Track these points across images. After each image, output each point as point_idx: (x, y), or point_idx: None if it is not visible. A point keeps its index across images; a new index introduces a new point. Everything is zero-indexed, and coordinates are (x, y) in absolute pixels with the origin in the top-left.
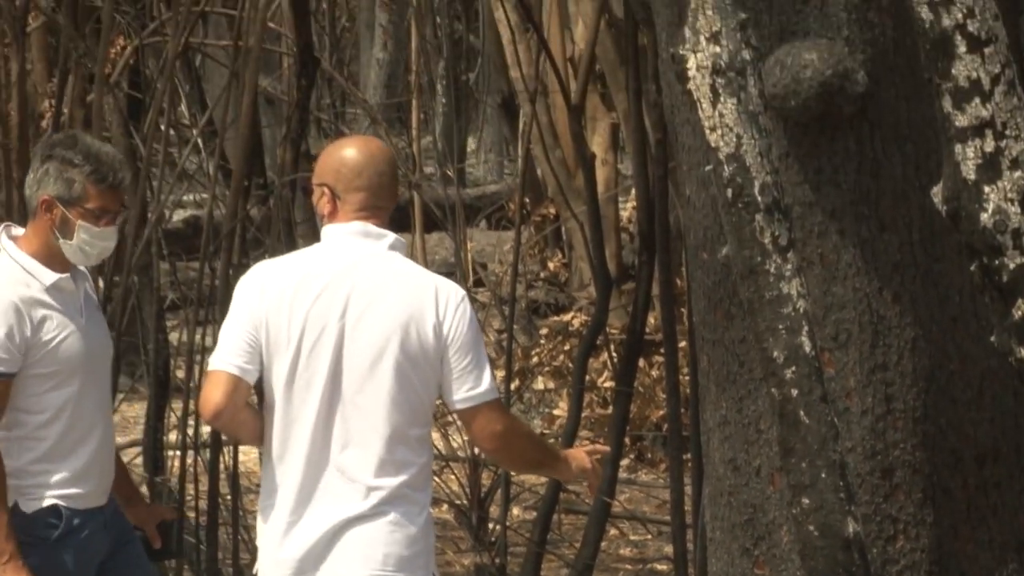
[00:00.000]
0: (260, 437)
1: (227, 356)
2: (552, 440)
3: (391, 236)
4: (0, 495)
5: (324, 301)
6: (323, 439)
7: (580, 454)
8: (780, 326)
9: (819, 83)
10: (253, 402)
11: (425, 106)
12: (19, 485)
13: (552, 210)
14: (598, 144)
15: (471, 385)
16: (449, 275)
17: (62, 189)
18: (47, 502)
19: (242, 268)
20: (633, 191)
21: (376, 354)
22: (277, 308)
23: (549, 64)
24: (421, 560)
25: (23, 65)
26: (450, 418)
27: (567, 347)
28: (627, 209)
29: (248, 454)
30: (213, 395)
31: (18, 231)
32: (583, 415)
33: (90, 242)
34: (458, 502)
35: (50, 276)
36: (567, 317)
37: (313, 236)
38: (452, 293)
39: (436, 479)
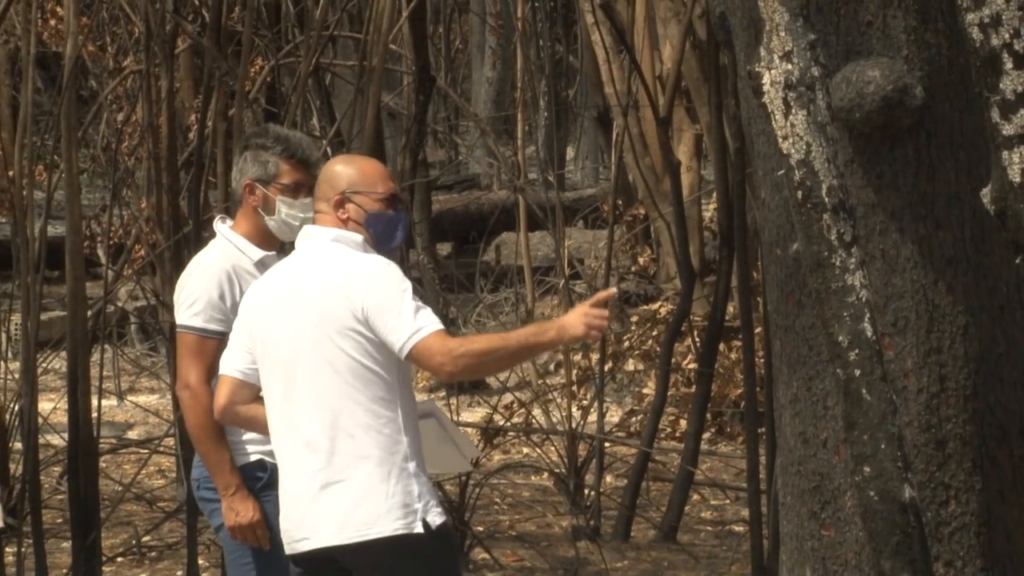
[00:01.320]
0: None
1: (230, 362)
2: (641, 416)
3: (331, 231)
4: (220, 434)
5: (281, 300)
6: (289, 418)
7: (572, 318)
8: (845, 314)
9: (881, 97)
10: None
11: (529, 119)
12: (232, 441)
13: (642, 211)
14: (683, 152)
15: (398, 336)
16: (549, 269)
17: (259, 171)
18: (254, 457)
19: None
20: (714, 194)
21: (313, 337)
22: (256, 315)
23: (640, 81)
24: (396, 512)
25: (172, 83)
26: (551, 395)
27: (655, 333)
28: (709, 210)
29: None
30: (218, 397)
31: (229, 221)
32: (669, 394)
33: (291, 214)
34: (557, 471)
35: (258, 253)
36: (655, 306)
37: (439, 235)
38: (364, 267)
39: (538, 450)
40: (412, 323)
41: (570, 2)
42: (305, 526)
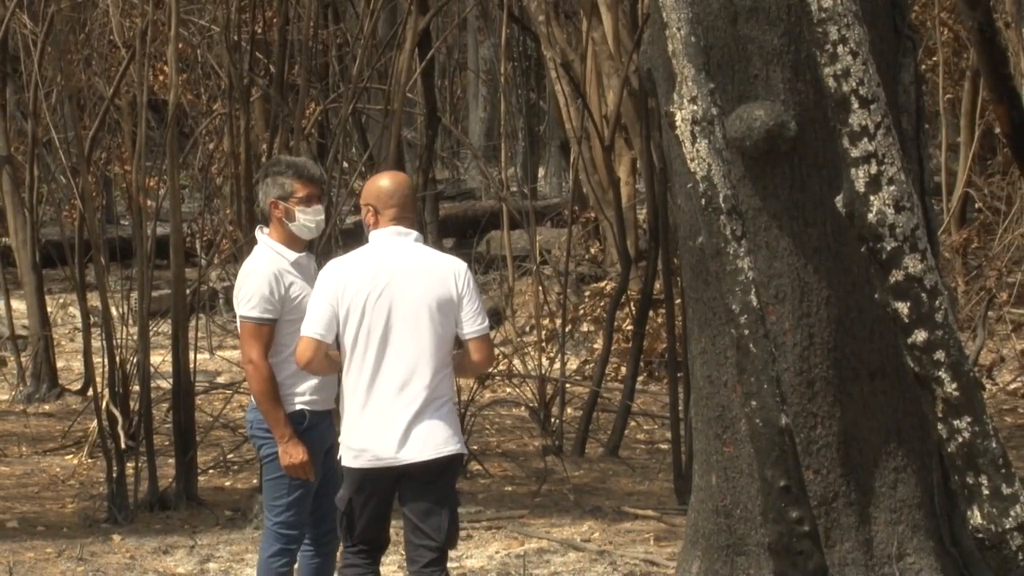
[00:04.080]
0: (338, 370)
1: (312, 326)
2: (592, 364)
3: (415, 233)
4: (277, 397)
5: (379, 278)
6: (381, 365)
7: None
8: (737, 288)
9: (765, 130)
10: (333, 352)
11: (511, 147)
12: (283, 395)
13: (593, 214)
14: (622, 171)
15: (478, 324)
16: (524, 258)
17: (278, 191)
18: (297, 407)
19: None
20: (645, 201)
21: (416, 308)
22: (348, 288)
23: (590, 119)
24: (457, 436)
25: (248, 122)
26: (527, 349)
27: (602, 303)
28: (642, 213)
29: None
30: (304, 353)
31: (266, 230)
32: (612, 348)
33: (308, 219)
34: (531, 405)
35: (292, 255)
36: (602, 284)
37: (444, 232)
38: (460, 267)
39: (517, 390)
40: (485, 319)
41: (540, 61)
42: (395, 446)
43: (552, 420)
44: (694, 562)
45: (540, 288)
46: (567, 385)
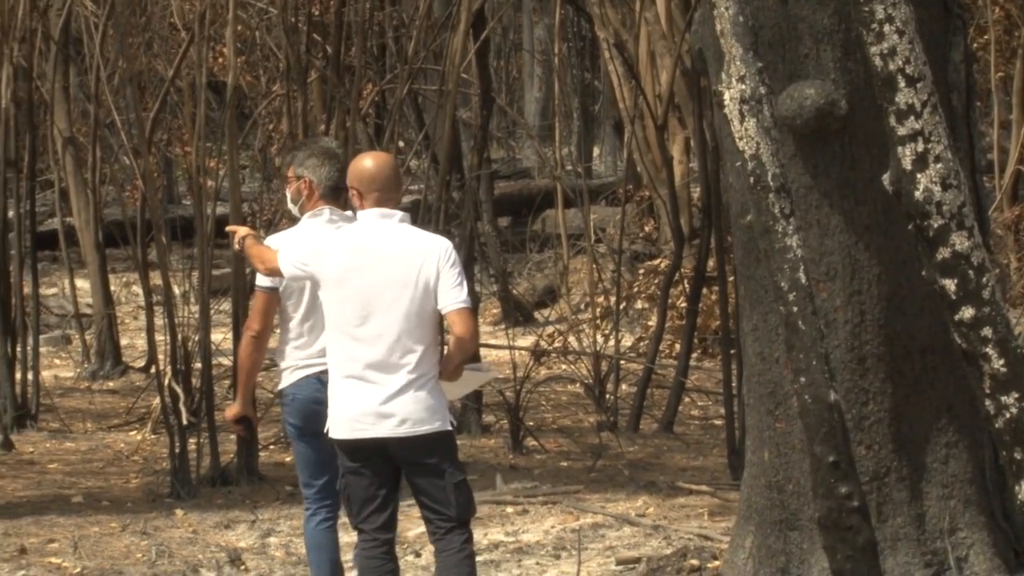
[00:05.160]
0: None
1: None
2: (647, 341)
3: (399, 214)
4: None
5: (359, 256)
6: (363, 340)
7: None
8: (785, 266)
9: (816, 109)
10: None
11: (566, 127)
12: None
13: (646, 193)
14: (676, 150)
15: (454, 296)
16: (579, 236)
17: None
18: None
19: (445, 232)
20: (698, 180)
21: (396, 285)
22: (325, 261)
23: (643, 99)
24: (440, 412)
25: (306, 104)
26: (582, 327)
27: (656, 281)
28: (695, 192)
29: None
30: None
31: None
32: (666, 325)
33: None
34: (586, 381)
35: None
36: (657, 262)
37: (499, 211)
38: (443, 245)
39: (572, 366)
40: (464, 294)
41: (595, 41)
42: (373, 420)
43: (607, 396)
44: (747, 537)
45: (594, 266)
46: (622, 362)
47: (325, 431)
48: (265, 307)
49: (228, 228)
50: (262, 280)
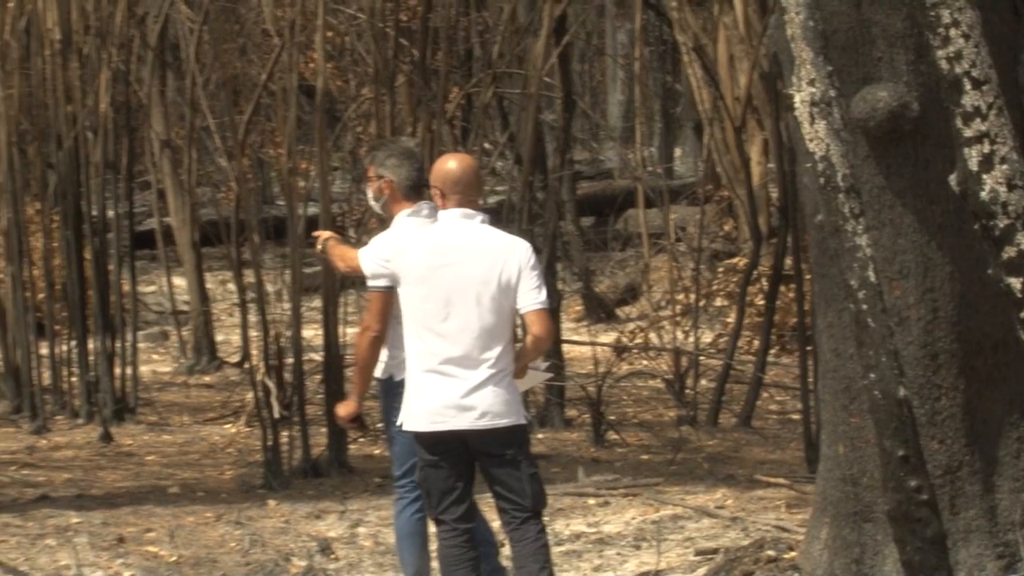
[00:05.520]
0: None
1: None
2: (726, 338)
3: (480, 215)
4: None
5: (441, 255)
6: (443, 336)
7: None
8: (855, 265)
9: (888, 111)
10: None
11: (648, 129)
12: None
13: (726, 193)
14: (754, 151)
15: (533, 297)
16: (660, 235)
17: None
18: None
19: (528, 232)
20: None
21: (477, 284)
22: (408, 259)
23: (722, 101)
24: (516, 407)
25: (393, 106)
26: (663, 323)
27: (735, 279)
28: (774, 191)
29: None
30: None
31: None
32: (745, 322)
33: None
34: (667, 377)
35: None
36: (735, 260)
37: (582, 211)
38: (522, 246)
39: (653, 362)
40: (544, 295)
41: (676, 45)
42: (453, 413)
43: (687, 391)
44: (822, 528)
45: (674, 265)
46: (701, 358)
47: (398, 424)
48: (382, 307)
49: (315, 233)
50: (376, 281)
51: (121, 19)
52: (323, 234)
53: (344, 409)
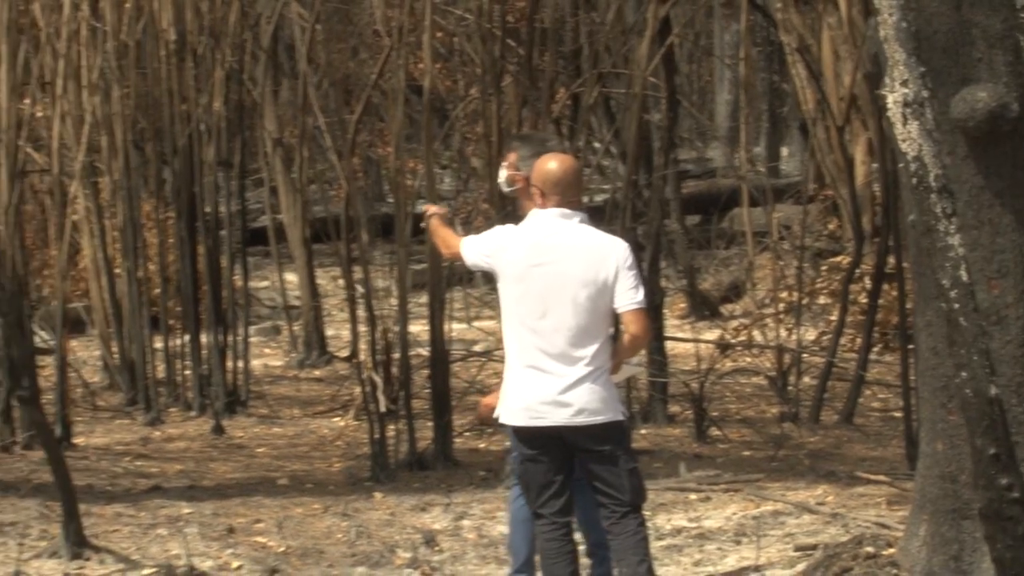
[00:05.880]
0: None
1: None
2: (829, 335)
3: (579, 215)
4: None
5: (539, 252)
6: (541, 333)
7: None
8: (947, 264)
9: (987, 111)
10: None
11: (754, 128)
12: None
13: (830, 192)
14: (859, 150)
15: (630, 297)
16: (764, 234)
17: None
18: None
19: (630, 231)
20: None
21: (575, 282)
22: (507, 254)
23: (825, 101)
24: (613, 404)
25: (499, 106)
26: (766, 321)
27: (839, 277)
28: (878, 190)
29: None
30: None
31: None
32: (848, 319)
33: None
34: (770, 374)
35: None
36: (839, 259)
37: (687, 210)
38: (620, 246)
39: (755, 359)
40: (641, 294)
41: (782, 45)
42: (551, 409)
43: (789, 388)
44: (921, 525)
45: (778, 263)
46: (804, 355)
47: (496, 417)
48: None
49: (423, 206)
50: (476, 268)
51: (235, 20)
52: (430, 208)
53: (489, 402)
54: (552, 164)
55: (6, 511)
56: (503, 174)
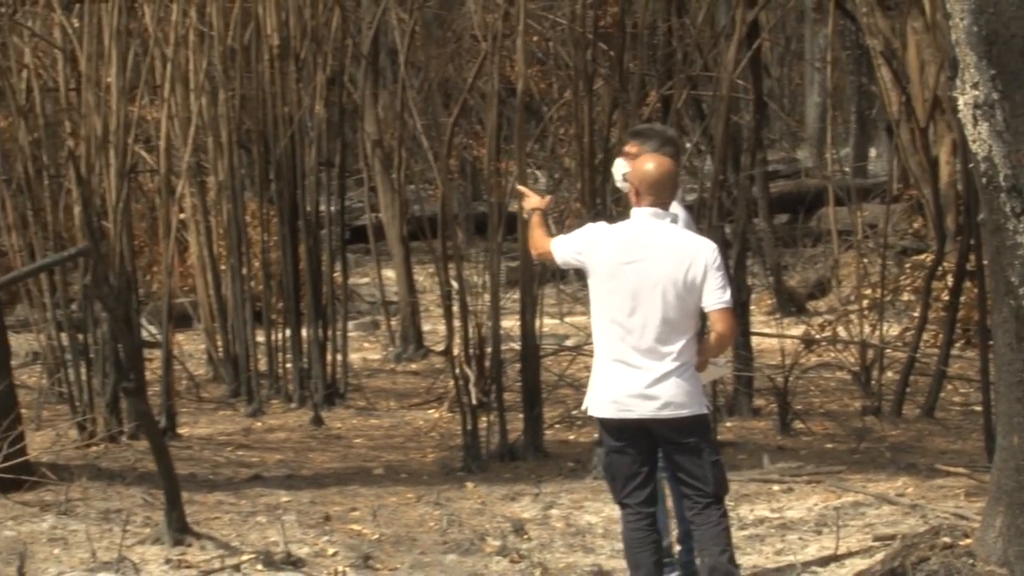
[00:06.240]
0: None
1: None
2: (911, 331)
3: (671, 215)
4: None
5: (631, 250)
6: (630, 328)
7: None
8: (1016, 262)
9: None
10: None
11: (844, 130)
12: None
13: (914, 192)
14: (944, 151)
15: (718, 297)
16: (850, 232)
17: None
18: None
19: (717, 229)
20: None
21: (663, 281)
22: (600, 250)
23: (909, 103)
24: (698, 398)
25: (591, 108)
26: (850, 317)
27: (921, 275)
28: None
29: None
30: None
31: None
32: (930, 316)
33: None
34: (853, 369)
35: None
36: (923, 257)
37: (775, 209)
38: (708, 247)
39: (840, 354)
40: (728, 294)
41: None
42: (638, 402)
43: (872, 383)
44: (997, 517)
45: (864, 261)
46: (886, 350)
47: (583, 409)
48: None
49: (519, 188)
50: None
51: (336, 25)
52: (530, 201)
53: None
54: (649, 165)
55: (112, 499)
56: (621, 165)
